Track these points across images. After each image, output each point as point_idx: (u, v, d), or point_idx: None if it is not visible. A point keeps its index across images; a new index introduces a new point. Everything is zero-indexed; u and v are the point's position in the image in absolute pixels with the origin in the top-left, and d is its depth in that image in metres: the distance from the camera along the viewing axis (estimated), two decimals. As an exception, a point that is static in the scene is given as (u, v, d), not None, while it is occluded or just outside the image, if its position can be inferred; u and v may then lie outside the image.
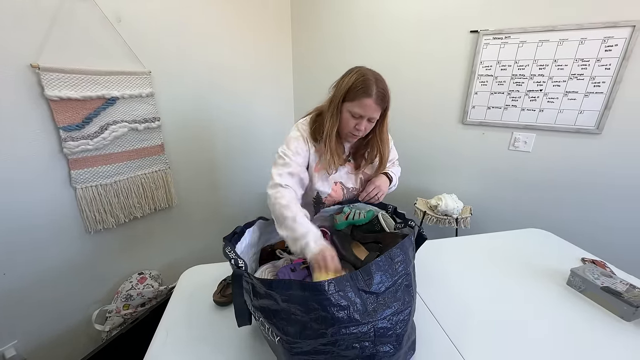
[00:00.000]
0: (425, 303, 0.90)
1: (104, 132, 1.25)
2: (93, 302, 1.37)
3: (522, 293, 0.95)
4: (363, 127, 0.88)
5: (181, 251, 1.75)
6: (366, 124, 0.88)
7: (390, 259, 0.68)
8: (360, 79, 0.84)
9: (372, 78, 0.85)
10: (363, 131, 0.89)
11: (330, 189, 1.00)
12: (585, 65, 1.48)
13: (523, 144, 1.73)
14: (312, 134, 0.95)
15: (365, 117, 0.86)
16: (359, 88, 0.84)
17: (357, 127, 0.88)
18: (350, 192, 1.04)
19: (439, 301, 0.91)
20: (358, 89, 0.84)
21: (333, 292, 0.57)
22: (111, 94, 1.25)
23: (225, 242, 0.72)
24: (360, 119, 0.87)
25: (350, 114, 0.87)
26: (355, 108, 0.85)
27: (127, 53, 1.30)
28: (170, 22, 1.45)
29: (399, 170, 1.17)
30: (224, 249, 0.68)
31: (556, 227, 1.42)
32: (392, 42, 1.93)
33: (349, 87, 0.85)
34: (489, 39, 1.65)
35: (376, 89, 0.84)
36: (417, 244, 0.83)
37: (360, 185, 1.05)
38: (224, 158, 1.92)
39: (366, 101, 0.83)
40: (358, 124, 0.87)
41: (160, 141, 1.49)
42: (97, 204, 1.28)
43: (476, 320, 0.84)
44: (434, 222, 1.83)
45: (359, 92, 0.84)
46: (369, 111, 0.85)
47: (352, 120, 0.87)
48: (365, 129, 0.90)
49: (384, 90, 0.86)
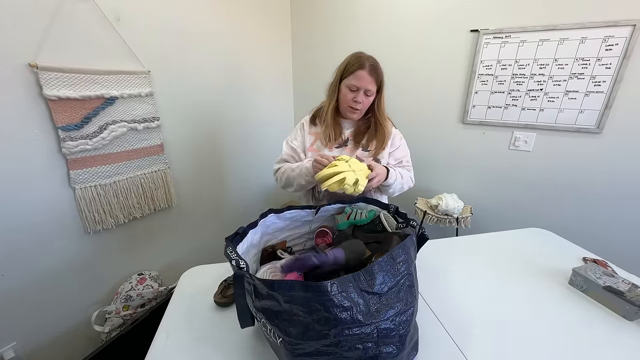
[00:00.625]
0: (427, 303, 0.90)
1: (103, 132, 1.24)
2: (92, 303, 1.36)
3: (523, 293, 0.95)
4: (360, 98, 0.98)
5: (181, 251, 1.75)
6: (363, 97, 0.98)
7: (392, 259, 0.68)
8: (354, 57, 0.99)
9: (365, 55, 0.99)
10: (361, 104, 0.99)
11: None
12: (586, 65, 1.48)
13: (523, 144, 1.73)
14: (312, 118, 1.12)
15: (361, 88, 0.97)
16: (353, 63, 0.97)
17: (355, 99, 0.98)
18: None
19: (441, 301, 0.90)
20: (353, 64, 0.97)
21: (336, 292, 0.56)
22: (110, 94, 1.24)
23: (227, 242, 0.71)
24: (357, 91, 0.98)
25: (348, 88, 0.98)
26: (351, 81, 0.97)
27: (127, 52, 1.29)
28: (170, 21, 1.44)
29: (408, 175, 1.14)
30: (226, 249, 0.68)
31: (557, 226, 1.42)
32: (392, 41, 1.92)
33: (345, 66, 0.99)
34: (489, 38, 1.65)
35: (368, 62, 0.96)
36: (418, 244, 0.83)
37: None
38: (224, 157, 1.92)
39: (360, 73, 0.95)
40: (356, 96, 0.98)
41: (160, 141, 1.48)
42: (96, 204, 1.27)
43: (478, 320, 0.83)
44: (434, 221, 1.83)
45: (353, 66, 0.96)
46: (363, 82, 0.96)
47: (350, 94, 0.98)
48: (363, 103, 0.99)
49: (376, 63, 0.98)
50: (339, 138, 1.07)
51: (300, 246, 1.06)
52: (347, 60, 1.00)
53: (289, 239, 1.00)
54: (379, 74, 0.98)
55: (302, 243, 1.06)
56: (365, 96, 0.99)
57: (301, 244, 1.05)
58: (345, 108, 1.02)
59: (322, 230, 1.02)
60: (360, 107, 1.00)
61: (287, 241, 1.00)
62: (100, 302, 1.38)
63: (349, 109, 1.01)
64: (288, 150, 1.12)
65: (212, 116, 1.77)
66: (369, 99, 1.00)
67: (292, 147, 1.12)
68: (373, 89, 0.98)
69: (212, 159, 1.84)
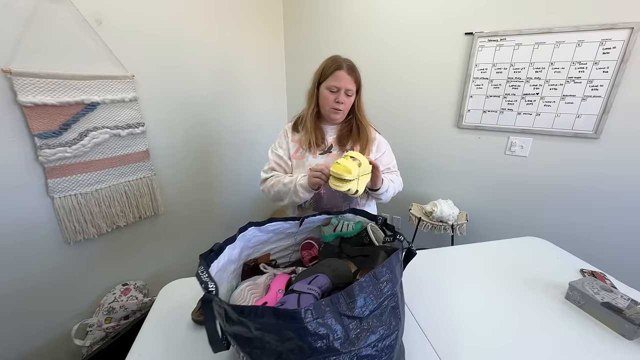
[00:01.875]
0: (416, 319, 0.85)
1: (84, 139, 1.20)
2: (73, 315, 1.31)
3: (518, 308, 0.91)
4: (342, 98, 0.97)
5: (169, 260, 1.70)
6: (344, 98, 0.98)
7: (376, 279, 0.64)
8: (331, 59, 0.99)
9: (341, 57, 0.99)
10: (343, 104, 0.98)
11: None
12: (583, 68, 1.44)
13: (520, 149, 1.69)
14: (294, 125, 1.10)
15: (341, 88, 0.96)
16: (331, 65, 0.97)
17: (337, 99, 0.97)
18: None
19: (431, 317, 0.86)
20: (330, 66, 0.97)
21: (310, 319, 0.52)
22: (91, 99, 1.20)
23: (200, 260, 0.67)
24: (338, 92, 0.97)
25: (328, 90, 0.98)
26: (331, 82, 0.96)
27: (109, 57, 1.25)
28: (156, 24, 1.40)
29: (399, 181, 1.12)
30: (197, 269, 0.63)
31: (554, 234, 1.38)
32: (385, 44, 1.89)
33: (322, 69, 0.99)
34: (484, 41, 1.61)
35: (345, 62, 0.97)
36: (406, 260, 0.79)
37: None
38: (214, 163, 1.87)
39: (339, 73, 0.95)
40: (337, 97, 0.97)
41: (145, 147, 1.43)
42: (77, 213, 1.23)
43: (470, 337, 0.79)
44: (429, 228, 1.79)
45: (331, 68, 0.96)
46: (343, 82, 0.96)
47: (331, 96, 0.98)
48: (345, 103, 0.98)
49: (352, 63, 0.99)
50: (322, 144, 1.05)
51: (286, 259, 1.01)
52: (324, 63, 1.00)
53: (273, 252, 0.96)
54: (357, 73, 0.98)
55: (288, 255, 1.01)
56: (346, 96, 0.99)
57: (286, 257, 1.01)
58: (327, 111, 1.01)
59: (307, 242, 0.98)
60: (342, 108, 0.99)
61: (270, 254, 0.95)
62: (82, 314, 1.33)
63: (331, 111, 1.00)
64: (275, 158, 1.09)
65: (201, 121, 1.73)
66: (350, 99, 1.00)
67: (278, 155, 1.09)
68: (353, 89, 0.98)
69: (202, 165, 1.79)
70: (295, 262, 1.02)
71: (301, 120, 1.07)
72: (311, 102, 1.03)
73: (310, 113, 1.03)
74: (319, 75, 1.00)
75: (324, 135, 1.06)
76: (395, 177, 1.10)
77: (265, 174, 1.09)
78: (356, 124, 1.05)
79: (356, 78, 0.97)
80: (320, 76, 0.99)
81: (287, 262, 1.01)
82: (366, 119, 1.07)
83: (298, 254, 1.00)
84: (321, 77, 0.99)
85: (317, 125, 1.05)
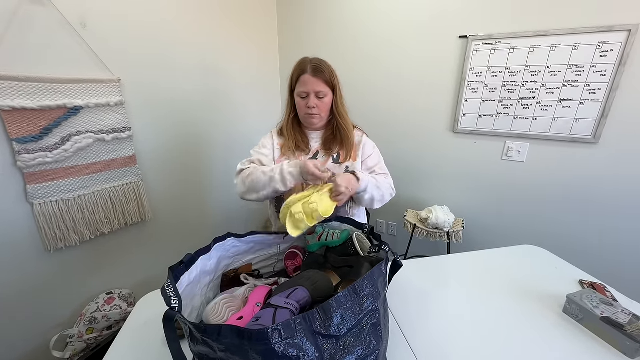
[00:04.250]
0: (403, 334, 0.80)
1: (66, 144, 1.17)
2: (53, 326, 1.27)
3: (513, 321, 0.86)
4: (312, 102, 0.92)
5: (157, 267, 1.66)
6: (315, 100, 0.93)
7: (355, 294, 0.59)
8: (296, 64, 0.95)
9: (307, 59, 0.94)
10: (316, 108, 0.93)
11: None
12: (580, 72, 1.40)
13: (517, 154, 1.65)
14: (280, 130, 1.07)
15: (309, 92, 0.92)
16: (295, 71, 0.94)
17: (308, 105, 0.93)
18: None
19: (420, 331, 0.81)
20: (295, 72, 0.94)
21: (278, 340, 0.47)
22: (74, 103, 1.17)
23: (169, 273, 0.63)
24: (307, 97, 0.93)
25: (299, 97, 0.95)
26: (299, 89, 0.94)
27: (94, 60, 1.23)
28: (143, 26, 1.38)
29: (387, 182, 1.01)
30: (164, 282, 0.59)
31: (552, 242, 1.33)
32: (378, 47, 1.86)
33: (291, 77, 0.96)
34: (478, 45, 1.58)
35: (310, 64, 0.92)
36: (391, 272, 0.74)
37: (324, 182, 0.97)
38: (205, 168, 1.84)
39: (303, 77, 0.92)
40: (307, 102, 0.93)
41: (132, 152, 1.40)
42: (58, 220, 1.19)
43: (461, 353, 0.74)
44: (424, 235, 1.74)
45: (296, 73, 0.94)
46: (310, 85, 0.91)
47: (302, 102, 0.95)
48: (318, 106, 0.94)
49: (319, 63, 0.93)
50: (306, 149, 1.01)
51: (270, 268, 0.97)
52: (292, 71, 0.96)
53: (255, 262, 0.92)
54: (324, 73, 0.92)
55: (272, 265, 0.97)
56: (318, 99, 0.93)
57: (270, 266, 0.97)
58: (303, 118, 0.99)
59: (291, 251, 0.94)
60: (317, 112, 0.95)
61: (252, 264, 0.91)
62: (63, 324, 1.29)
63: (307, 117, 0.97)
64: (257, 155, 1.01)
65: (191, 125, 1.70)
66: (324, 101, 0.94)
67: (262, 153, 1.02)
68: (324, 90, 0.93)
69: (192, 170, 1.76)
70: (280, 272, 0.97)
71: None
72: (289, 109, 1.01)
73: (286, 120, 1.02)
74: (290, 83, 0.97)
75: (308, 141, 1.02)
76: (382, 179, 1.00)
77: (242, 166, 0.99)
78: (337, 125, 0.99)
79: (325, 78, 0.92)
80: (291, 84, 0.97)
81: (271, 272, 0.97)
82: (347, 120, 1.01)
83: (282, 263, 0.96)
84: (291, 84, 0.97)
85: (300, 131, 1.02)
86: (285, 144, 1.01)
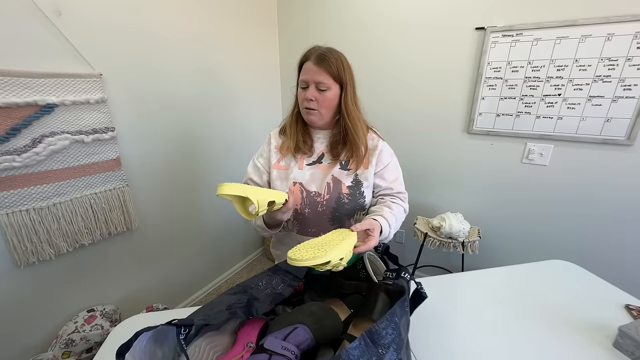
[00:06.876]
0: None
1: (37, 146, 1.04)
2: (25, 349, 1.13)
3: (555, 358, 0.72)
4: (310, 94, 0.80)
5: (146, 280, 1.53)
6: (315, 92, 0.80)
7: (373, 343, 0.46)
8: (304, 53, 0.83)
9: (315, 46, 0.82)
10: (314, 102, 0.80)
11: (287, 190, 0.84)
12: (613, 66, 1.26)
13: (538, 157, 1.50)
14: (282, 128, 0.93)
15: (309, 82, 0.79)
16: (300, 59, 0.83)
17: (306, 96, 0.80)
18: (311, 197, 0.84)
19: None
20: (300, 60, 0.83)
21: None
22: (47, 100, 1.04)
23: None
24: (307, 88, 0.81)
25: (300, 88, 0.83)
26: (301, 77, 0.82)
27: (70, 52, 1.10)
28: (128, 15, 1.25)
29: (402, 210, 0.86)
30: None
31: (581, 256, 1.19)
32: (385, 41, 1.72)
33: (298, 65, 0.84)
34: (497, 37, 1.44)
35: (315, 53, 0.80)
36: (413, 304, 0.61)
37: (327, 191, 0.83)
38: (197, 171, 1.71)
39: (306, 65, 0.80)
40: (306, 94, 0.80)
41: (116, 155, 1.27)
42: (29, 231, 1.06)
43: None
44: (436, 245, 1.60)
45: (301, 61, 0.83)
46: (310, 74, 0.79)
47: (302, 94, 0.82)
48: (318, 100, 0.80)
49: (327, 52, 0.79)
50: (309, 151, 0.87)
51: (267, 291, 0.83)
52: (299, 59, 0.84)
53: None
54: (330, 63, 0.78)
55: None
56: (319, 91, 0.79)
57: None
58: (302, 112, 0.85)
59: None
60: (314, 106, 0.80)
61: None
62: (36, 347, 1.16)
63: (305, 112, 0.83)
64: (252, 170, 0.92)
65: (183, 125, 1.57)
66: (325, 95, 0.80)
67: (257, 166, 0.92)
68: (326, 82, 0.79)
69: (184, 174, 1.63)
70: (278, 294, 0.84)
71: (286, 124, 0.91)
72: (294, 102, 0.89)
73: (290, 115, 0.89)
74: (297, 74, 0.85)
75: (312, 141, 0.88)
76: (400, 211, 0.85)
77: None
78: (344, 126, 0.84)
79: (329, 70, 0.77)
80: (298, 74, 0.85)
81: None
82: (357, 122, 0.84)
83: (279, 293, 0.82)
84: (298, 75, 0.85)
85: (305, 130, 0.89)
86: (284, 144, 0.88)
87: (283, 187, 0.85)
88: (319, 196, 0.83)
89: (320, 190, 0.83)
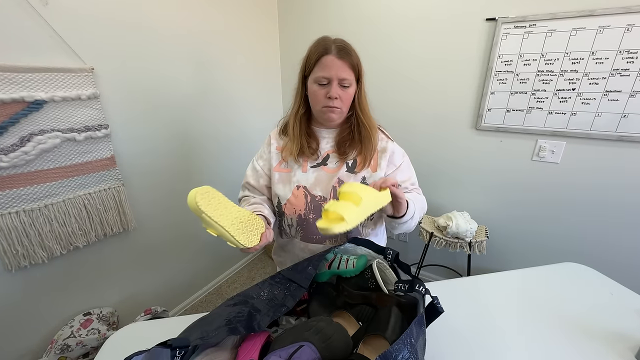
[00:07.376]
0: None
1: (26, 145, 0.99)
2: (19, 355, 1.10)
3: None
4: (334, 91, 0.72)
5: (144, 282, 1.49)
6: (338, 90, 0.72)
7: (387, 369, 0.41)
8: (315, 43, 0.74)
9: (329, 37, 0.74)
10: (339, 100, 0.73)
11: (290, 194, 0.78)
12: (632, 59, 1.20)
13: (550, 154, 1.44)
14: (283, 129, 0.86)
15: (332, 79, 0.71)
16: (315, 51, 0.73)
17: (329, 94, 0.72)
18: (316, 202, 0.78)
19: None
20: (314, 52, 0.73)
21: None
22: (35, 97, 0.98)
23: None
24: (329, 84, 0.72)
25: (317, 84, 0.73)
26: (318, 73, 0.72)
27: (60, 45, 1.04)
28: (121, 6, 1.18)
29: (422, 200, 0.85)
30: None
31: (595, 259, 1.14)
32: (390, 35, 1.65)
33: (306, 58, 0.75)
34: (509, 28, 1.37)
35: (334, 44, 0.72)
36: (427, 319, 0.56)
37: (332, 195, 0.78)
38: (196, 169, 1.65)
39: (326, 59, 0.71)
40: (329, 91, 0.72)
41: (110, 153, 1.22)
42: (20, 234, 1.02)
43: None
44: (442, 245, 1.55)
45: (316, 54, 0.72)
46: (333, 69, 0.71)
47: (321, 91, 0.73)
48: (341, 97, 0.73)
49: (344, 43, 0.73)
50: (314, 154, 0.81)
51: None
52: (308, 51, 0.75)
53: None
54: (351, 56, 0.72)
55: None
56: (342, 88, 0.73)
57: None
58: (320, 112, 0.76)
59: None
60: (339, 104, 0.74)
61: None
62: (30, 354, 1.12)
63: (325, 111, 0.75)
64: (251, 172, 0.87)
65: (181, 122, 1.51)
66: (348, 92, 0.74)
67: (255, 169, 0.86)
68: (349, 77, 0.72)
69: (182, 172, 1.57)
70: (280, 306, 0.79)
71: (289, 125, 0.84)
72: (297, 102, 0.80)
73: (294, 116, 0.80)
74: (304, 67, 0.76)
75: (317, 143, 0.82)
76: (417, 196, 0.83)
77: (241, 192, 0.90)
78: (357, 123, 0.78)
79: (352, 62, 0.72)
80: (305, 67, 0.75)
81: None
82: (371, 118, 0.81)
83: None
84: (306, 68, 0.75)
85: (308, 130, 0.82)
86: (287, 147, 0.81)
87: (285, 191, 0.80)
88: (325, 201, 0.77)
89: (325, 194, 0.77)
